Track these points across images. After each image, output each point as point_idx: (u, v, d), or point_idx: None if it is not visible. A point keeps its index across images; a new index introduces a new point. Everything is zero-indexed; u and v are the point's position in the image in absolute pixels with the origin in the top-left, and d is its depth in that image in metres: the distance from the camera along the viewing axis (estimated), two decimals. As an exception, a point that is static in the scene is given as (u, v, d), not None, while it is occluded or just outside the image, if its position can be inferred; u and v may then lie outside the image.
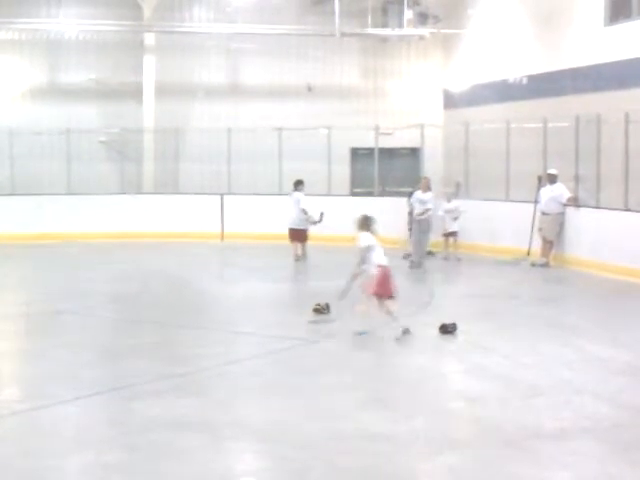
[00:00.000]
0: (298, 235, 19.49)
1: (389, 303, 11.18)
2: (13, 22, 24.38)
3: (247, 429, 7.71)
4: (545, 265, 18.03)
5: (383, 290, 11.13)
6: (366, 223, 11.54)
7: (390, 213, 21.46)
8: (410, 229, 19.80)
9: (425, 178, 20.08)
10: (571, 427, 7.72)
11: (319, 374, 9.56)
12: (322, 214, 19.40)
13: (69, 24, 24.89)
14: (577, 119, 18.46)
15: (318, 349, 10.87)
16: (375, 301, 11.18)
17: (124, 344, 11.10)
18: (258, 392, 8.96)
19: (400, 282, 16.36)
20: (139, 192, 25.01)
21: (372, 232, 11.49)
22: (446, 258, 19.56)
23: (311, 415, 8.06)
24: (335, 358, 10.42)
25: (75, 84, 25.71)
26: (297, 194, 19.74)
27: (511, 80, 22.60)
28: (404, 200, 20.54)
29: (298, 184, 19.87)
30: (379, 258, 11.25)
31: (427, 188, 19.21)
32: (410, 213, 19.77)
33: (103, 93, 25.64)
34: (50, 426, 7.80)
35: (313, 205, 19.59)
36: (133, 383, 9.07)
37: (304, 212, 19.40)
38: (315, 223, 19.46)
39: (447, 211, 19.78)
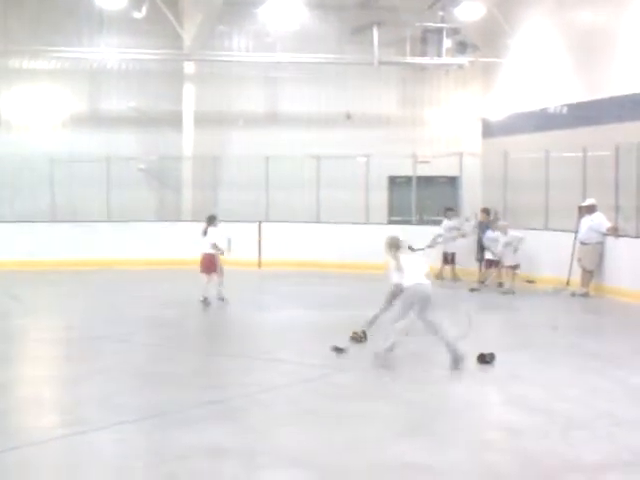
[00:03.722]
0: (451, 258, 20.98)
1: None
2: (55, 51, 24.73)
3: (284, 457, 7.68)
4: (585, 295, 17.86)
5: None
6: None
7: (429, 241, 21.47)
8: (479, 259, 20.25)
9: (485, 210, 20.45)
10: (612, 460, 7.60)
11: (356, 402, 9.52)
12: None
13: (110, 53, 25.20)
14: (617, 148, 18.35)
15: (355, 377, 10.82)
16: None
17: (161, 371, 11.13)
18: (295, 420, 8.93)
19: (440, 311, 16.38)
20: (178, 219, 25.20)
21: None
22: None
23: (348, 443, 8.02)
24: (371, 386, 10.38)
25: (115, 112, 26.00)
26: (448, 222, 21.18)
27: (550, 109, 22.51)
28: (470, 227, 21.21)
29: (449, 210, 21.47)
30: None
31: (495, 225, 19.57)
32: (482, 245, 20.03)
33: (143, 121, 25.90)
34: (88, 453, 7.82)
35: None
36: (170, 410, 9.08)
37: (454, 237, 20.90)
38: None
39: (506, 244, 18.98)
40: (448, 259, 20.96)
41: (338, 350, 12.02)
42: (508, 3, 24.67)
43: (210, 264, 16.75)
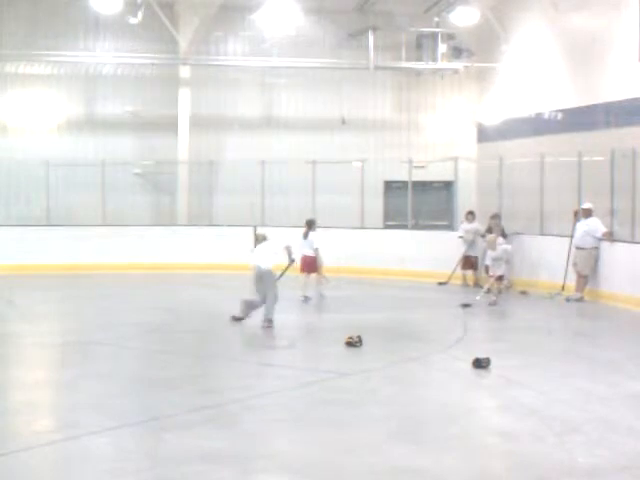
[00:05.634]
0: (473, 262, 20.75)
1: None
2: (51, 55, 24.73)
3: (278, 462, 7.67)
4: (580, 300, 17.88)
5: None
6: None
7: (424, 246, 21.52)
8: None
9: (495, 216, 20.07)
10: (606, 464, 7.61)
11: (350, 407, 9.51)
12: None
13: (106, 57, 25.24)
14: (612, 153, 18.37)
15: (349, 382, 10.81)
16: None
17: (156, 375, 11.12)
18: (289, 425, 8.93)
19: (436, 316, 16.40)
20: (173, 224, 25.22)
21: None
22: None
23: (343, 448, 8.01)
24: (366, 391, 10.37)
25: (111, 116, 26.01)
26: (468, 225, 20.96)
27: (545, 114, 22.55)
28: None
29: (469, 214, 21.11)
30: None
31: (500, 233, 19.18)
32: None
33: (138, 125, 25.92)
34: (82, 457, 7.81)
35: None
36: (164, 415, 9.07)
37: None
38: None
39: (495, 258, 18.35)
40: (467, 263, 20.70)
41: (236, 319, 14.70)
42: (503, 9, 24.72)
43: (311, 265, 18.44)
